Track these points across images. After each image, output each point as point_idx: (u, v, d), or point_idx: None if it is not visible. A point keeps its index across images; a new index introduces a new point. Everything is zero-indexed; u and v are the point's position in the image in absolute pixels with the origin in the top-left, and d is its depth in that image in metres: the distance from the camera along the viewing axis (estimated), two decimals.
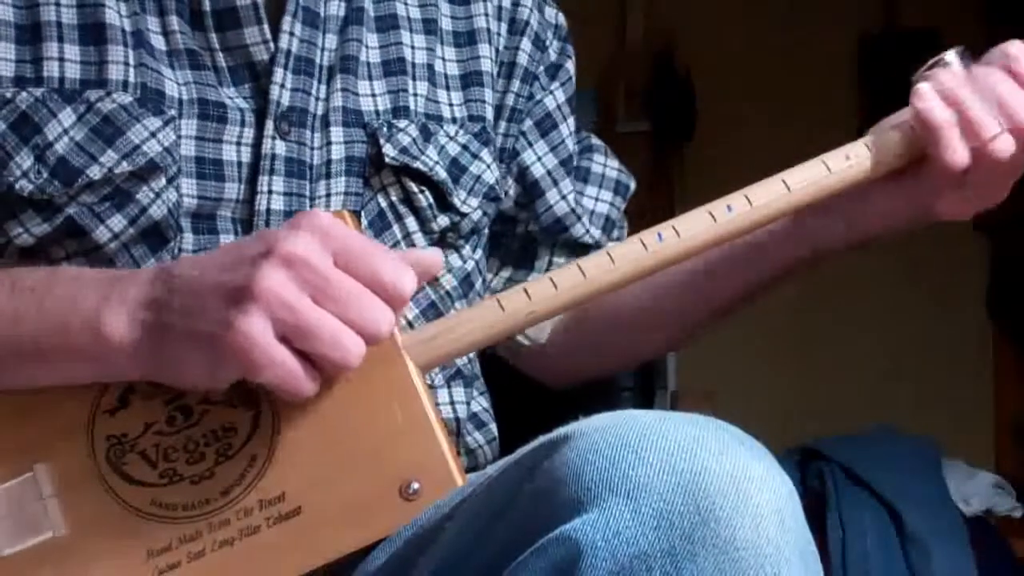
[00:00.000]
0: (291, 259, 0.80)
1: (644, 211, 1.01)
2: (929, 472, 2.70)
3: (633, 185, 1.29)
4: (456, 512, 0.84)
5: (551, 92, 1.22)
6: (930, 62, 1.00)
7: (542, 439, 0.80)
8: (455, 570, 0.82)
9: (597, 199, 1.25)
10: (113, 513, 0.87)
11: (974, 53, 1.03)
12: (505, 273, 1.23)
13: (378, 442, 0.86)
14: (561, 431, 0.78)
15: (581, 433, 0.77)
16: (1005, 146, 0.97)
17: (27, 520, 0.87)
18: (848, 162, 1.00)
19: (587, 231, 1.23)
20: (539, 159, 1.21)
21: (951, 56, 1.00)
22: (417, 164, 1.07)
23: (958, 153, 0.97)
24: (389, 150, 1.06)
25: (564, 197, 1.22)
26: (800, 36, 3.59)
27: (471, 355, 1.15)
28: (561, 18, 1.25)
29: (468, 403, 1.13)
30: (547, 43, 1.22)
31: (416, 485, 0.85)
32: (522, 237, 1.24)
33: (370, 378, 0.86)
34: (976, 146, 0.97)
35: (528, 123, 1.20)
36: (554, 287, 0.93)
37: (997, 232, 3.52)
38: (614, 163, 1.28)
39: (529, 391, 1.29)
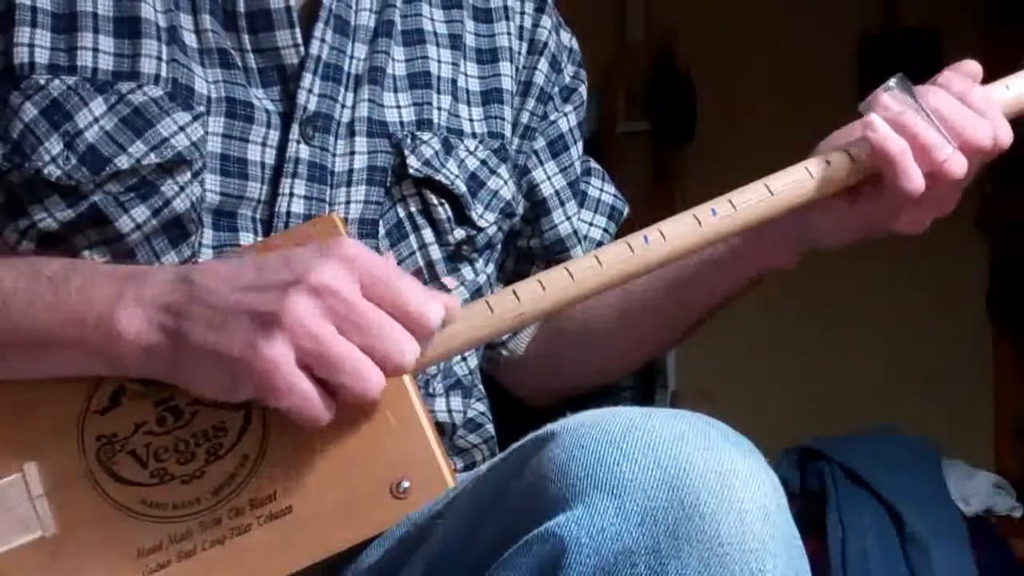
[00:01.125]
0: (319, 289, 0.81)
1: (645, 211, 1.01)
2: (929, 472, 2.70)
3: (627, 211, 1.30)
4: (447, 509, 0.84)
5: (564, 114, 1.23)
6: (875, 92, 1.01)
7: (530, 435, 0.80)
8: (447, 567, 0.82)
9: (591, 224, 1.26)
10: (103, 513, 0.87)
11: (974, 53, 1.04)
12: (498, 288, 1.23)
13: (369, 441, 0.86)
14: (548, 428, 0.78)
15: (567, 430, 0.77)
16: (958, 166, 0.98)
17: (17, 520, 0.87)
18: (828, 167, 1.01)
19: (583, 254, 1.24)
20: (549, 179, 1.22)
21: (893, 82, 1.00)
22: (439, 177, 1.08)
23: (915, 181, 0.98)
24: (413, 161, 1.06)
25: (569, 218, 1.23)
26: (800, 36, 3.60)
27: (472, 366, 1.15)
28: (575, 42, 1.27)
29: (464, 411, 1.13)
30: (562, 65, 1.23)
31: (407, 484, 0.85)
32: (520, 251, 1.24)
33: None
34: (930, 170, 0.98)
35: (541, 142, 1.21)
36: (542, 288, 0.93)
37: (997, 232, 3.52)
38: (610, 188, 1.29)
39: None
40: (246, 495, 0.86)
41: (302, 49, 1.02)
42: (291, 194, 1.01)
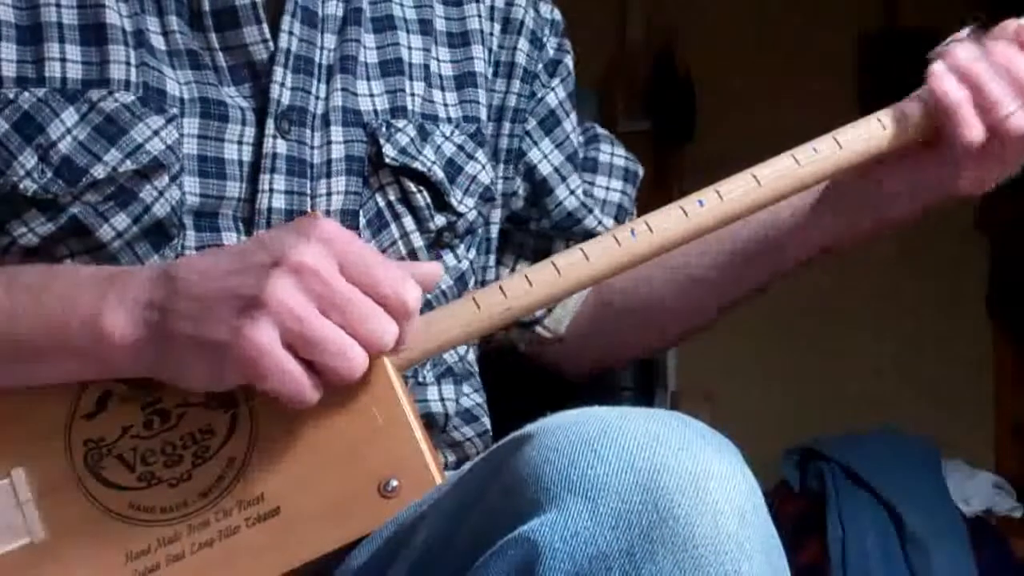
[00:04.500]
0: (300, 269, 0.81)
1: (645, 210, 1.02)
2: (929, 472, 2.70)
3: (642, 172, 1.30)
4: (431, 510, 0.84)
5: (552, 89, 1.22)
6: (946, 40, 1.01)
7: (508, 436, 0.80)
8: (430, 568, 0.82)
9: (608, 188, 1.26)
10: (91, 517, 0.87)
11: None
12: (523, 267, 1.23)
13: (356, 441, 0.86)
14: (526, 428, 0.78)
15: (543, 431, 0.76)
16: (1021, 122, 0.98)
17: (5, 526, 0.87)
18: (815, 154, 1.00)
19: (599, 222, 1.24)
20: (545, 157, 1.21)
21: (964, 33, 1.01)
22: (416, 164, 1.07)
23: (975, 130, 0.98)
24: (389, 150, 1.06)
25: (573, 192, 1.23)
26: (800, 36, 3.59)
27: (461, 353, 1.15)
28: (557, 13, 1.26)
29: (458, 400, 1.13)
30: (544, 40, 1.22)
31: (395, 483, 0.85)
32: (536, 234, 1.24)
33: None
34: (991, 124, 0.98)
35: (532, 122, 1.21)
36: (528, 284, 0.94)
37: (997, 232, 3.51)
38: (621, 151, 1.29)
39: (527, 386, 1.30)
40: (234, 497, 0.86)
41: (271, 44, 1.02)
42: (271, 190, 1.01)
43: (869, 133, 1.01)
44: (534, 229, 1.24)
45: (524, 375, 1.30)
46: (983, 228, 3.49)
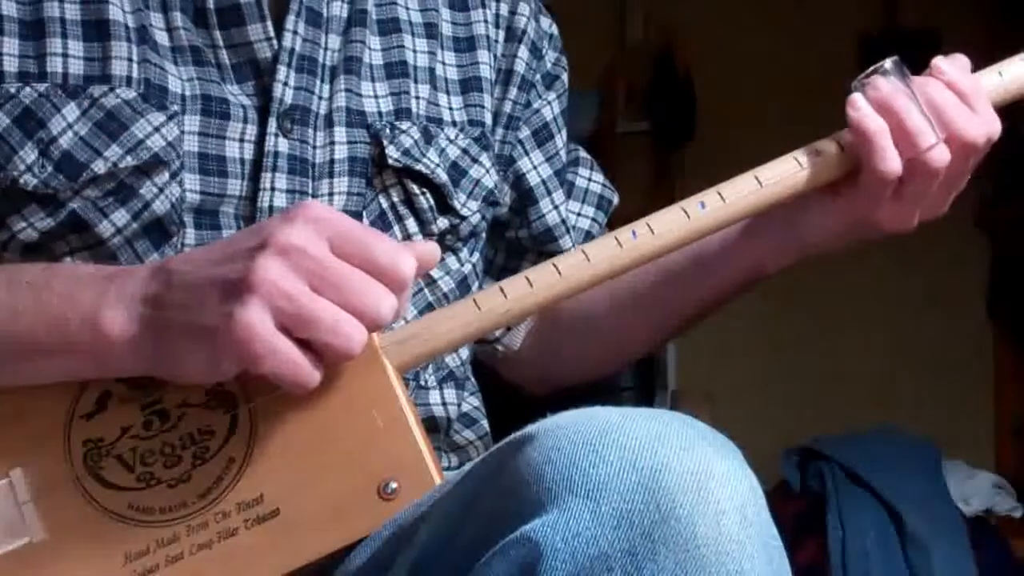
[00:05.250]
0: (287, 249, 0.81)
1: (645, 211, 1.01)
2: (929, 472, 2.70)
3: (616, 200, 1.30)
4: (431, 511, 0.84)
5: (548, 103, 1.23)
6: (868, 70, 0.99)
7: (510, 437, 0.79)
8: (430, 569, 0.82)
9: (579, 214, 1.26)
10: (90, 517, 0.87)
11: (974, 53, 1.03)
12: (488, 284, 1.23)
13: (356, 442, 0.86)
14: (527, 429, 0.78)
15: (544, 431, 0.76)
16: (940, 156, 0.97)
17: (4, 526, 0.87)
18: (818, 157, 1.00)
19: (573, 245, 1.24)
20: (535, 168, 1.21)
21: (889, 65, 0.98)
22: (419, 166, 1.07)
23: (891, 162, 0.97)
24: (392, 151, 1.06)
25: (556, 207, 1.23)
26: (800, 36, 3.60)
27: (463, 357, 1.15)
28: (555, 29, 1.26)
29: (459, 404, 1.13)
30: (543, 52, 1.23)
31: (394, 484, 0.84)
32: (509, 243, 1.24)
33: (348, 379, 0.86)
34: (911, 156, 0.97)
35: (525, 132, 1.21)
36: (529, 285, 0.93)
37: (997, 232, 3.52)
38: (598, 177, 1.29)
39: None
40: (233, 498, 0.86)
41: (275, 43, 1.02)
42: (272, 188, 1.01)
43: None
44: (510, 237, 1.23)
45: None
46: (983, 227, 3.50)
